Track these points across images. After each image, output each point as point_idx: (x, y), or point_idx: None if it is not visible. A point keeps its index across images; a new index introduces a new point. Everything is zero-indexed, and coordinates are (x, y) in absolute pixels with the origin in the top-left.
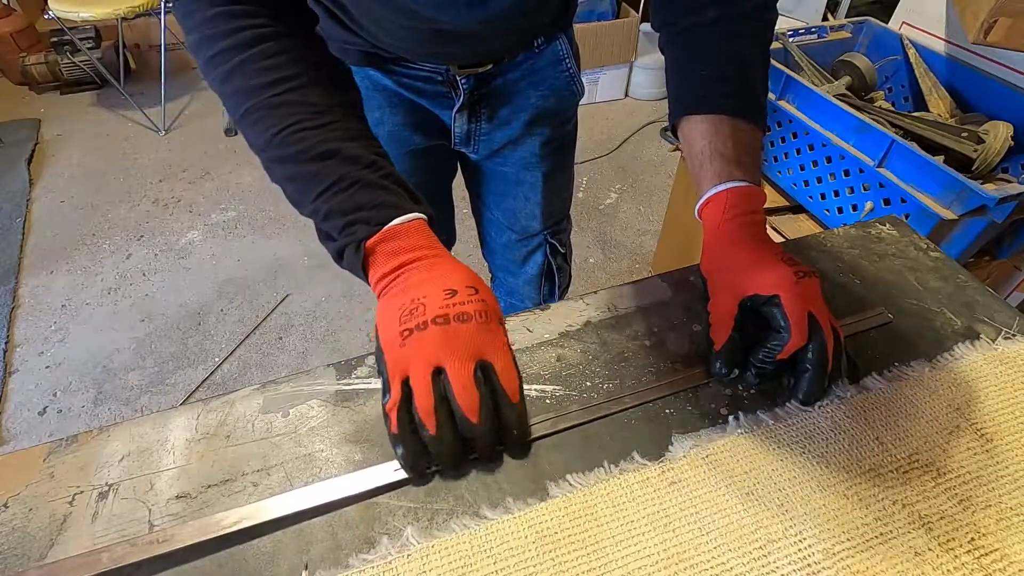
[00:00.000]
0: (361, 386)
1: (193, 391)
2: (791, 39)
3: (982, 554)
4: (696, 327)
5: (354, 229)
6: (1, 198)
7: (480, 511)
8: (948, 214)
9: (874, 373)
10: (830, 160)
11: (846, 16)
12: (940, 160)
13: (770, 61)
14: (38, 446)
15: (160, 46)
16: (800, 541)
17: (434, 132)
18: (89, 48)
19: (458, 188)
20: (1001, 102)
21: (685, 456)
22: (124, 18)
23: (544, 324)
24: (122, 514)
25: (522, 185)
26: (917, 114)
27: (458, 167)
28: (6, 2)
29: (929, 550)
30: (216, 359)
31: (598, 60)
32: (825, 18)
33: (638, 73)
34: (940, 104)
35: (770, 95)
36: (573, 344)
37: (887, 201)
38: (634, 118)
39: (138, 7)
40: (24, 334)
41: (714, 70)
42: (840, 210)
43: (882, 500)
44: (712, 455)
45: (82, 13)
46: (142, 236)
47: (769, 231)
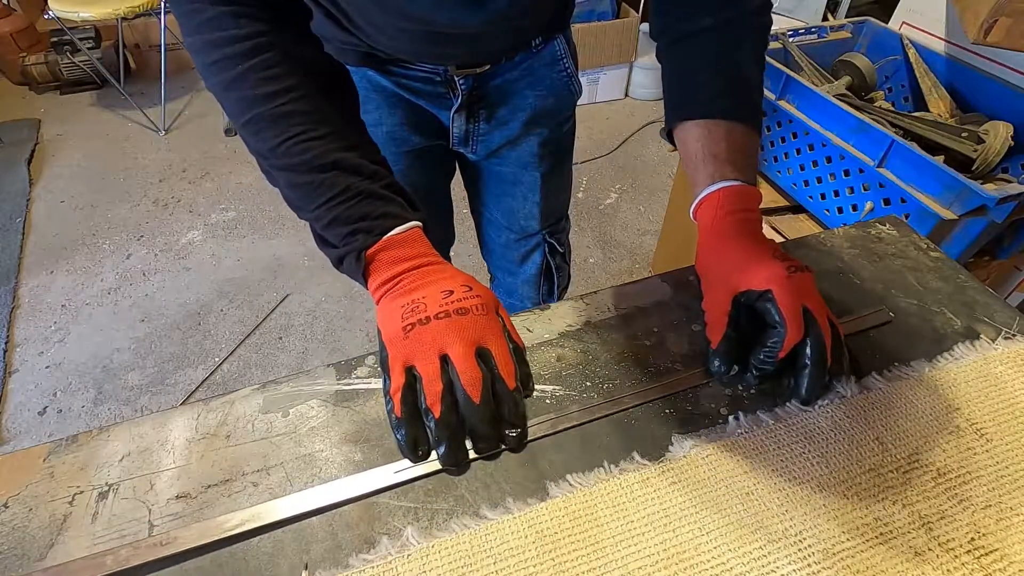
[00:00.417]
0: (361, 386)
1: (193, 391)
2: (791, 39)
3: (982, 554)
4: (696, 327)
5: (355, 238)
6: (1, 198)
7: (480, 511)
8: (948, 214)
9: (874, 373)
10: (830, 160)
11: (846, 16)
12: (940, 160)
13: (765, 63)
14: (38, 446)
15: (160, 46)
16: (800, 541)
17: (432, 132)
18: (89, 48)
19: (457, 188)
20: (1001, 102)
21: (685, 456)
22: (124, 18)
23: (544, 324)
24: (122, 514)
25: (520, 185)
26: (917, 114)
27: (456, 167)
28: (6, 2)
29: (929, 550)
30: (216, 359)
31: (598, 60)
32: (825, 18)
33: (638, 73)
34: (940, 104)
35: (770, 95)
36: (573, 344)
37: (887, 201)
38: (634, 118)
39: (138, 7)
40: (24, 334)
41: (708, 76)
42: (840, 210)
43: (882, 500)
44: (712, 455)
45: (82, 13)
46: (142, 236)
47: (769, 231)
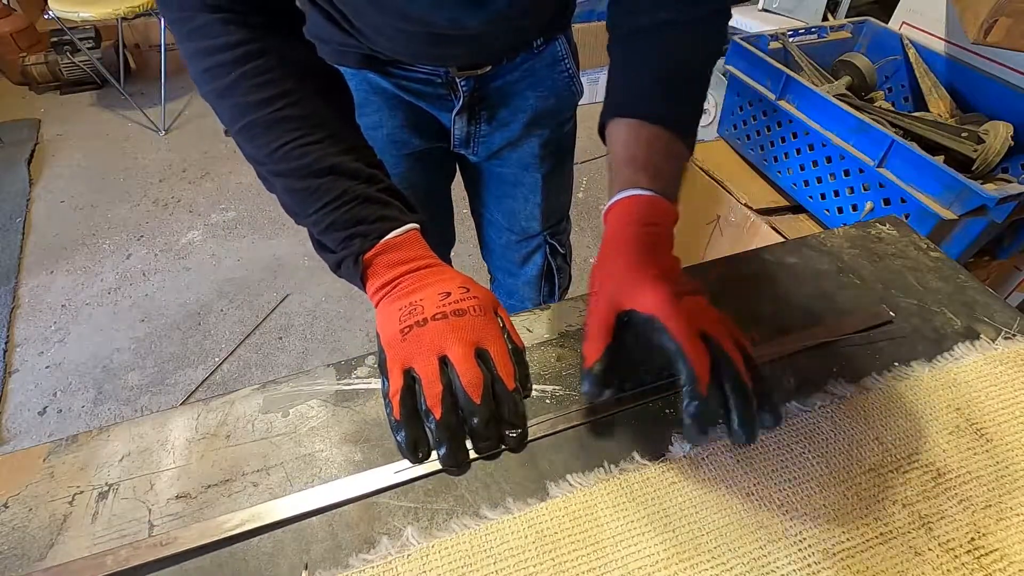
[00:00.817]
0: (361, 386)
1: (193, 391)
2: (791, 39)
3: (982, 554)
4: None
5: (352, 242)
6: (1, 198)
7: (480, 511)
8: (948, 214)
9: (874, 373)
10: (830, 160)
11: (846, 16)
12: (940, 160)
13: (712, 72)
14: (38, 446)
15: (160, 46)
16: (800, 541)
17: (433, 134)
18: (89, 48)
19: (457, 189)
20: (1001, 102)
21: (685, 456)
22: (124, 18)
23: (544, 324)
24: (122, 514)
25: (521, 186)
26: (917, 114)
27: (456, 168)
28: (6, 2)
29: (929, 550)
30: (216, 359)
31: (598, 60)
32: (825, 18)
33: None
34: (940, 104)
35: (770, 95)
36: (573, 344)
37: (887, 201)
38: None
39: (138, 7)
40: (24, 334)
41: (647, 75)
42: (840, 210)
43: (882, 500)
44: (712, 455)
45: (82, 13)
46: (142, 236)
47: (769, 231)
